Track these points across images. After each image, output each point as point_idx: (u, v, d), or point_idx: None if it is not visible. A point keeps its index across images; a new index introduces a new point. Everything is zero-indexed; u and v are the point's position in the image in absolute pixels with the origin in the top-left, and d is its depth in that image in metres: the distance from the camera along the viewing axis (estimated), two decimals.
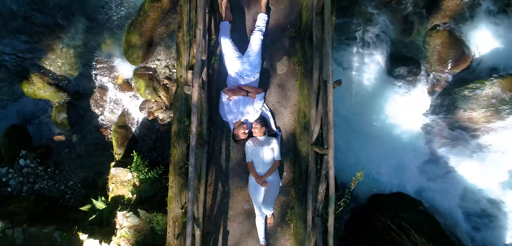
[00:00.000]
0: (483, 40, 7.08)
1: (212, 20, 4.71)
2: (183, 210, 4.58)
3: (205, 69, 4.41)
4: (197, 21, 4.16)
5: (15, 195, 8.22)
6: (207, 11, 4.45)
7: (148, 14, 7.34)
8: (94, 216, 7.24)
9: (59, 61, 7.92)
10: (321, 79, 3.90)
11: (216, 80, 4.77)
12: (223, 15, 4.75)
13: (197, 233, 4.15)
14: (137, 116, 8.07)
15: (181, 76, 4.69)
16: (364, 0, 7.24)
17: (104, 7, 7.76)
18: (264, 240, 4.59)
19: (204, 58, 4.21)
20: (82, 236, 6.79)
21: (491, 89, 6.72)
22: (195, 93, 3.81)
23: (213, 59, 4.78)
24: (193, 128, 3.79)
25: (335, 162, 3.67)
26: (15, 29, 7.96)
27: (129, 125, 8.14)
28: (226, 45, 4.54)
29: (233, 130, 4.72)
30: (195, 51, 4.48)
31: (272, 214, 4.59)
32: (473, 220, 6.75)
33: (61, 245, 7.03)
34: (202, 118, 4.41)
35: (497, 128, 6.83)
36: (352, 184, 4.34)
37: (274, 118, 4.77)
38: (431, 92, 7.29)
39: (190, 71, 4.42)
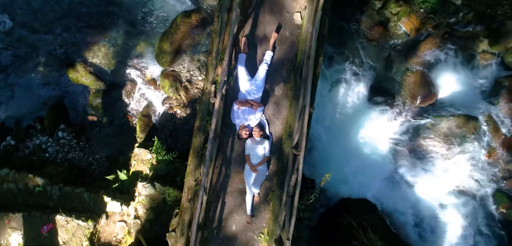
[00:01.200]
0: (447, 84, 8.73)
1: (233, 51, 6.44)
2: (196, 182, 6.25)
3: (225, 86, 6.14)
4: (224, 53, 5.94)
5: (51, 161, 9.92)
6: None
7: (179, 27, 9.12)
8: (117, 184, 8.91)
9: (100, 55, 9.68)
10: (303, 103, 5.60)
11: (230, 94, 6.47)
12: (242, 49, 6.48)
13: (204, 198, 5.82)
14: (159, 109, 9.79)
15: (206, 88, 6.40)
16: (354, 37, 8.97)
17: (143, 18, 9.55)
18: (250, 211, 6.27)
19: (225, 78, 5.93)
20: (106, 199, 8.45)
21: (447, 124, 8.45)
22: (217, 102, 5.54)
23: (231, 79, 6.50)
24: (212, 126, 5.51)
25: (314, 167, 5.24)
26: (67, 26, 9.75)
27: (152, 115, 9.86)
28: (241, 71, 6.28)
29: (238, 130, 6.42)
30: (219, 71, 6.24)
31: (258, 193, 6.26)
32: (420, 224, 8.43)
33: (89, 204, 8.70)
34: (218, 119, 6.12)
35: (448, 155, 8.52)
36: (321, 182, 6.02)
37: (268, 126, 6.47)
38: (400, 120, 8.96)
39: (213, 85, 6.15)
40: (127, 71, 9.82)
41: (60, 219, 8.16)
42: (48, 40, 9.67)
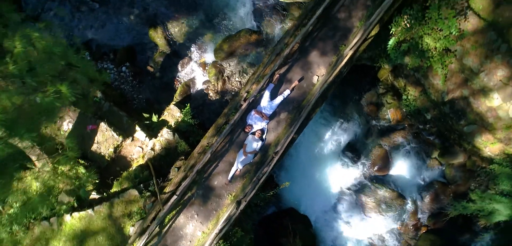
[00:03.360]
0: (399, 167, 11.12)
1: (268, 80, 9.01)
2: (207, 144, 8.69)
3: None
4: (262, 79, 8.57)
5: (109, 84, 12.85)
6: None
7: (240, 38, 11.90)
8: (148, 122, 11.58)
9: (177, 29, 12.68)
10: (291, 130, 7.98)
11: (252, 102, 8.95)
12: (273, 80, 8.97)
13: (208, 156, 8.25)
14: (199, 86, 12.49)
15: (241, 92, 8.92)
16: (354, 102, 11.36)
17: (219, 18, 12.44)
18: (230, 178, 8.61)
19: (255, 94, 8.49)
20: (137, 128, 11.08)
21: (385, 193, 10.80)
22: (244, 106, 8.10)
23: (257, 95, 9.00)
24: (235, 117, 8.06)
25: (282, 177, 7.54)
26: None
27: (191, 87, 12.58)
28: (266, 94, 8.78)
29: (246, 126, 8.83)
30: (253, 87, 8.81)
31: (240, 170, 8.60)
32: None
33: (124, 125, 11.38)
34: (239, 116, 8.62)
35: (375, 213, 10.84)
36: (281, 186, 8.25)
37: (266, 134, 8.83)
38: (356, 175, 11.38)
39: (246, 94, 8.72)
40: (190, 49, 12.71)
41: (103, 125, 10.83)
42: (146, 1, 12.87)
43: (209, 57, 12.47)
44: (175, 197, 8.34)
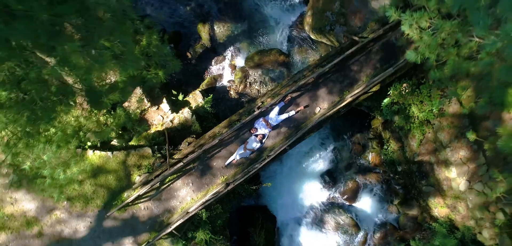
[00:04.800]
0: (365, 201, 12.56)
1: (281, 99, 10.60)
2: (218, 132, 10.37)
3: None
4: (278, 96, 10.20)
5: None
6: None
7: (270, 55, 13.60)
8: (174, 98, 13.44)
9: (221, 29, 14.58)
10: (285, 142, 9.50)
11: (263, 111, 10.42)
12: (284, 100, 10.46)
13: (216, 141, 9.91)
14: (224, 83, 14.25)
15: (258, 101, 10.54)
16: (344, 139, 12.74)
17: (259, 32, 14.23)
18: (227, 164, 10.13)
19: (268, 106, 10.13)
20: (164, 100, 12.95)
21: (345, 219, 12.06)
22: (256, 113, 9.72)
23: (269, 106, 10.59)
24: (246, 119, 9.69)
25: (267, 179, 9.23)
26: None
27: (217, 82, 14.35)
28: (276, 108, 10.27)
29: (252, 128, 10.42)
30: (268, 100, 10.44)
31: (236, 160, 10.10)
32: None
33: (155, 95, 13.27)
34: (249, 119, 10.22)
35: (334, 232, 12.30)
36: (263, 184, 9.76)
37: (266, 138, 10.35)
38: (327, 197, 12.85)
39: (261, 103, 10.33)
40: (226, 50, 14.57)
41: (138, 90, 12.61)
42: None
43: (240, 61, 14.24)
44: (180, 164, 10.01)
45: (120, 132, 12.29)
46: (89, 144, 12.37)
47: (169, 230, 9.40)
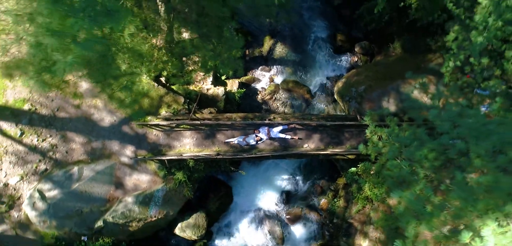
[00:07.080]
0: (299, 227, 15.14)
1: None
2: (234, 118, 13.46)
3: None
4: (287, 119, 12.95)
5: None
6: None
7: (301, 87, 16.25)
8: (218, 75, 16.70)
9: (280, 49, 17.51)
10: (274, 153, 12.25)
11: (270, 124, 13.18)
12: (289, 126, 12.95)
13: (230, 122, 12.96)
14: (257, 87, 17.04)
15: (271, 115, 13.43)
16: (313, 175, 15.26)
17: (303, 66, 17.08)
18: (226, 142, 12.93)
19: (276, 122, 12.92)
20: (211, 74, 16.24)
21: (279, 231, 15.12)
22: (266, 121, 12.63)
23: (277, 124, 13.31)
24: (257, 121, 12.62)
25: (245, 169, 12.29)
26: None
27: (252, 83, 17.29)
28: (280, 127, 12.76)
29: (256, 129, 13.23)
30: (278, 119, 13.25)
31: (234, 143, 12.85)
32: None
33: (208, 68, 16.63)
34: (259, 123, 13.10)
35: (264, 235, 14.67)
36: (239, 171, 12.60)
37: (261, 141, 13.08)
38: (277, 209, 15.27)
39: (272, 118, 13.16)
40: (274, 65, 17.52)
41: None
42: (279, 18, 17.90)
43: (278, 79, 17.12)
44: (197, 122, 13.18)
45: (173, 72, 15.77)
46: (145, 70, 15.96)
47: (163, 158, 12.55)
